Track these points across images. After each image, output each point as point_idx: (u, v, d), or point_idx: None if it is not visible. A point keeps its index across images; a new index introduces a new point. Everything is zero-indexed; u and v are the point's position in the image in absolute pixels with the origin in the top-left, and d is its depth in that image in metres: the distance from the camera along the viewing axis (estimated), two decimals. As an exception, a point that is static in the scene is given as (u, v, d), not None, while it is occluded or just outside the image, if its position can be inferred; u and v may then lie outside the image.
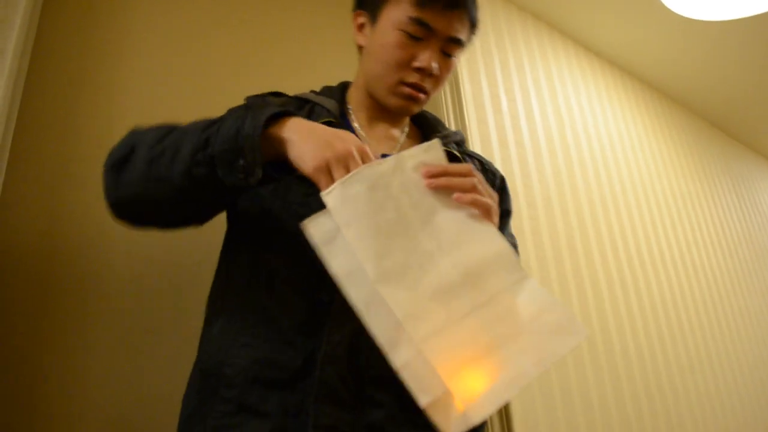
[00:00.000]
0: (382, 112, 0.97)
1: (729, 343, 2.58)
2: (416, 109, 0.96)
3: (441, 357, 0.60)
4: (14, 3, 1.03)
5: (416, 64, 0.88)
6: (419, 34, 0.87)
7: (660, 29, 2.51)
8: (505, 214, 1.03)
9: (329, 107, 0.92)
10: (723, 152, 3.45)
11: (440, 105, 1.74)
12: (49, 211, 1.07)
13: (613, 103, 2.64)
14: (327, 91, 1.00)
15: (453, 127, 1.71)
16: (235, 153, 0.68)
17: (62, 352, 1.01)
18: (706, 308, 2.55)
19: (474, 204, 0.70)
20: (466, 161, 1.00)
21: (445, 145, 0.98)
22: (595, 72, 2.61)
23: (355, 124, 0.95)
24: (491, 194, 0.75)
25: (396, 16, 0.88)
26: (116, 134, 1.16)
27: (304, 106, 0.93)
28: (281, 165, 0.72)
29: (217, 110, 1.36)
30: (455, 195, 0.70)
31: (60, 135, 1.13)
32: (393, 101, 0.92)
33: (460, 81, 1.80)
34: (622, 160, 2.49)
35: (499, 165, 1.77)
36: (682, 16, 2.35)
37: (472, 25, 0.93)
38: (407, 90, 0.90)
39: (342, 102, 0.97)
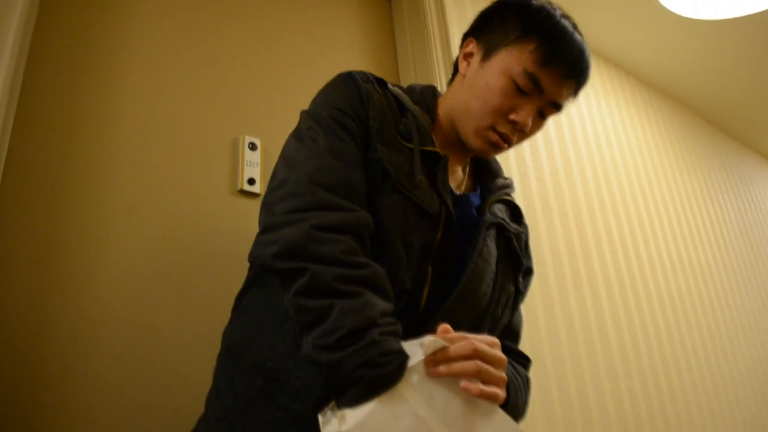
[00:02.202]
0: (455, 145, 0.94)
1: (726, 340, 2.59)
2: (493, 156, 0.95)
3: None
4: (12, 1, 1.03)
5: (513, 117, 0.86)
6: (527, 89, 0.85)
7: (657, 28, 2.52)
8: (528, 272, 1.02)
9: (427, 126, 0.89)
10: (720, 150, 3.45)
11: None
12: (48, 210, 1.07)
13: (610, 101, 2.64)
14: (420, 98, 0.95)
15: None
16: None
17: (61, 353, 1.01)
18: (703, 305, 2.55)
19: (481, 396, 0.66)
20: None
21: (508, 195, 0.98)
22: (592, 70, 2.61)
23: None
24: (498, 365, 0.70)
25: (511, 64, 0.85)
26: (115, 133, 1.18)
27: (405, 112, 0.90)
28: None
29: (217, 109, 1.37)
30: (462, 384, 0.66)
31: (58, 134, 1.13)
32: (477, 143, 0.89)
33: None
34: (619, 158, 2.49)
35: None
36: (679, 15, 2.35)
37: (575, 94, 0.92)
38: (495, 137, 0.88)
39: (433, 118, 0.93)
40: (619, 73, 2.82)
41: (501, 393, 0.68)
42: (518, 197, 1.83)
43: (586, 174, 2.23)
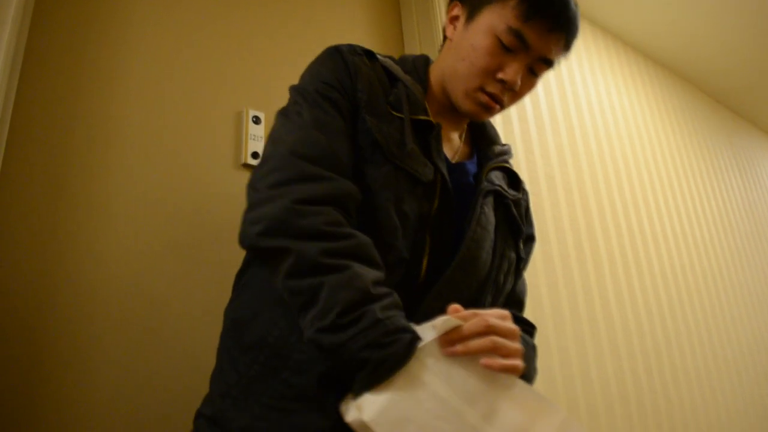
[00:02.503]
0: (449, 110, 0.93)
1: (729, 318, 2.60)
2: (486, 118, 0.93)
3: None
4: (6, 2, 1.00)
5: (501, 75, 0.84)
6: (513, 46, 0.83)
7: (665, 4, 2.48)
8: (530, 239, 1.02)
9: (419, 96, 0.88)
10: (726, 128, 3.42)
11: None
12: (52, 182, 1.06)
13: (616, 77, 2.61)
14: (412, 68, 0.94)
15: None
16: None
17: (61, 353, 1.00)
18: (707, 284, 2.55)
19: (502, 370, 0.66)
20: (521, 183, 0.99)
21: (506, 162, 0.97)
22: (598, 46, 2.58)
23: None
24: (512, 337, 0.70)
25: (495, 22, 0.84)
26: (120, 107, 1.16)
27: (396, 83, 0.89)
28: None
29: (221, 82, 1.35)
30: (482, 362, 0.66)
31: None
32: (467, 105, 0.88)
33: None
34: (625, 134, 2.47)
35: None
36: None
37: (566, 49, 0.89)
38: (485, 98, 0.86)
39: (426, 89, 0.92)
40: (627, 49, 2.78)
41: (520, 364, 0.68)
42: (523, 174, 1.82)
43: (591, 151, 2.21)
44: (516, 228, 0.94)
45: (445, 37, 0.96)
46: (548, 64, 0.88)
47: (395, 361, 0.62)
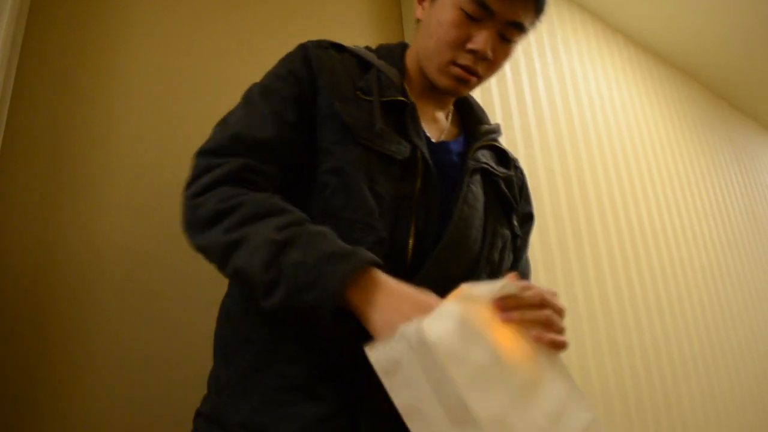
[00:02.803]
0: (431, 91, 0.93)
1: (727, 313, 2.60)
2: (465, 92, 0.92)
3: None
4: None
5: (470, 45, 0.84)
6: (477, 14, 0.83)
7: (668, -4, 2.47)
8: (528, 218, 1.02)
9: (393, 78, 0.88)
10: (726, 124, 3.41)
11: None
12: (45, 210, 1.05)
13: (617, 72, 2.60)
14: (387, 54, 0.94)
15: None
16: (307, 305, 0.65)
17: (60, 354, 1.00)
18: (706, 279, 2.55)
19: (553, 345, 0.67)
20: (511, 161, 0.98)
21: (494, 140, 0.97)
22: (598, 40, 2.57)
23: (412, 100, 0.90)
24: (561, 315, 0.71)
25: None
26: (112, 130, 1.15)
27: (368, 69, 0.89)
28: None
29: (217, 104, 1.35)
30: (534, 333, 0.66)
31: (53, 132, 1.10)
32: (442, 81, 0.88)
33: (463, 48, 1.77)
34: (625, 129, 2.46)
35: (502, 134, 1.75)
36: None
37: (538, 10, 0.87)
38: (458, 71, 0.86)
39: (402, 72, 0.92)
40: (627, 43, 2.77)
41: (567, 342, 0.69)
42: (523, 167, 1.81)
43: (591, 145, 2.20)
44: (507, 204, 0.93)
45: (417, 22, 0.96)
46: (519, 28, 0.86)
47: (337, 282, 0.63)
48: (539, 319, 0.67)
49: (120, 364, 1.05)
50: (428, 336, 0.57)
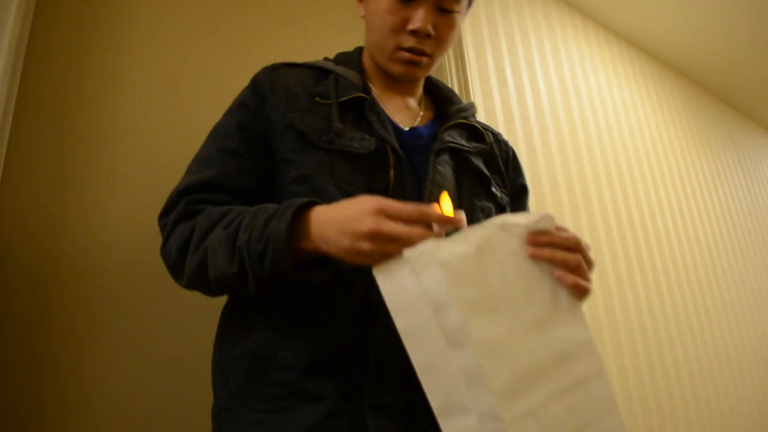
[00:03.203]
0: (394, 82, 0.94)
1: (732, 315, 2.60)
2: (420, 74, 0.93)
3: None
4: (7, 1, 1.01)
5: (410, 26, 0.85)
6: None
7: (666, 2, 2.48)
8: (521, 191, 1.02)
9: (352, 79, 0.90)
10: (729, 126, 3.42)
11: (445, 78, 1.72)
12: (48, 211, 1.07)
13: (619, 76, 2.61)
14: (345, 60, 0.97)
15: (458, 102, 1.70)
16: (269, 270, 0.68)
17: (63, 354, 1.01)
18: (709, 281, 2.55)
19: (575, 288, 0.67)
20: (486, 134, 0.99)
21: (465, 118, 0.96)
22: (600, 45, 2.58)
23: (374, 93, 0.93)
24: (591, 267, 0.72)
25: None
26: (117, 131, 1.17)
27: (327, 76, 0.91)
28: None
29: (220, 105, 1.36)
30: (558, 273, 0.66)
31: (57, 134, 1.11)
32: (395, 68, 0.89)
33: (465, 55, 1.78)
34: (627, 133, 2.47)
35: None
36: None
37: None
38: (406, 55, 0.87)
39: (362, 72, 0.94)
40: (628, 46, 2.79)
41: (590, 288, 0.69)
42: (526, 172, 1.82)
43: (593, 149, 2.21)
44: (482, 177, 0.93)
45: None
46: None
47: (281, 238, 0.66)
48: (568, 262, 0.67)
49: (124, 362, 1.05)
50: (438, 256, 0.58)
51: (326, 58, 0.98)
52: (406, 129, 0.90)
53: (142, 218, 1.14)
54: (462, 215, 0.64)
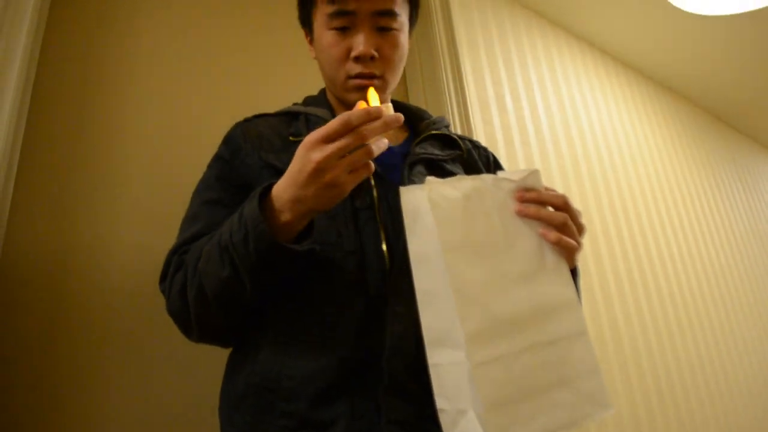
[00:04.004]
0: None
1: (740, 338, 2.58)
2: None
3: (489, 385, 0.58)
4: (21, 10, 1.04)
5: (353, 54, 0.87)
6: (344, 23, 0.88)
7: (663, 24, 2.51)
8: None
9: (322, 115, 0.92)
10: (729, 146, 3.43)
11: (445, 106, 1.73)
12: (58, 217, 1.09)
13: (618, 99, 2.63)
14: (312, 101, 1.00)
15: (459, 128, 1.70)
16: (258, 261, 0.70)
17: (72, 362, 1.02)
18: (715, 302, 2.54)
19: (558, 244, 0.68)
20: (462, 142, 1.01)
21: (436, 129, 0.99)
22: (598, 68, 2.60)
23: None
24: (580, 229, 0.73)
25: (321, 20, 0.90)
26: (124, 140, 1.19)
27: (298, 117, 0.94)
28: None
29: (223, 107, 1.39)
30: (541, 230, 0.68)
31: (68, 141, 1.14)
32: (350, 96, 0.91)
33: (465, 82, 1.79)
34: (628, 156, 2.48)
35: (505, 165, 1.77)
36: (685, 11, 2.34)
37: None
38: (356, 81, 0.89)
39: (330, 108, 0.97)
40: (627, 70, 2.81)
41: (579, 246, 0.70)
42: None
43: (594, 174, 2.22)
44: None
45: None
46: (389, 14, 0.89)
47: (255, 219, 0.69)
48: (554, 219, 0.68)
49: (132, 369, 1.07)
50: (430, 197, 0.62)
51: (295, 104, 1.02)
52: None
53: (151, 224, 1.17)
54: (387, 106, 0.66)
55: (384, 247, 0.79)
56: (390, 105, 0.67)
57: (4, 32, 1.01)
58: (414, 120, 1.03)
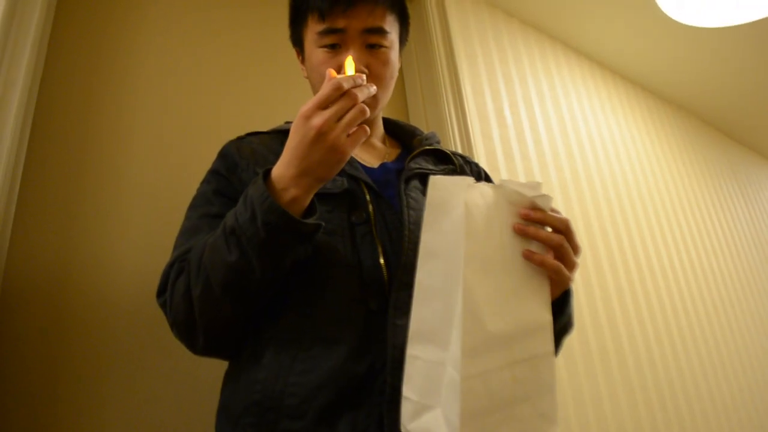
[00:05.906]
0: None
1: (742, 349, 2.57)
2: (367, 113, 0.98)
3: (471, 398, 0.59)
4: (29, 10, 1.07)
5: (343, 71, 0.89)
6: (334, 41, 0.89)
7: (661, 37, 2.53)
8: None
9: None
10: (729, 156, 3.44)
11: (444, 121, 1.75)
12: (64, 222, 1.10)
13: (617, 111, 2.65)
14: None
15: (458, 143, 1.72)
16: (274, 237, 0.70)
17: (76, 372, 1.02)
18: (717, 313, 2.54)
19: (542, 265, 0.68)
20: (454, 157, 1.02)
21: (429, 145, 1.01)
22: (596, 81, 2.62)
23: None
24: (576, 253, 0.73)
25: (311, 38, 0.91)
26: (130, 142, 1.21)
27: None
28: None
29: (225, 110, 1.40)
30: (524, 251, 0.68)
31: (73, 149, 1.16)
32: None
33: (464, 96, 1.81)
34: (628, 168, 2.49)
35: (505, 178, 1.78)
36: (682, 24, 2.36)
37: (393, 8, 0.92)
38: None
39: None
40: (625, 82, 2.83)
41: (566, 273, 0.70)
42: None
43: (594, 187, 2.23)
44: None
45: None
46: (379, 32, 0.90)
47: (261, 197, 0.69)
48: (551, 240, 0.69)
49: (136, 376, 1.07)
50: (467, 202, 0.62)
51: (287, 122, 1.02)
52: (376, 167, 0.94)
53: (155, 232, 1.18)
54: (361, 75, 0.70)
55: (381, 261, 0.80)
56: (363, 75, 0.71)
57: (9, 46, 1.03)
58: (406, 136, 1.05)
